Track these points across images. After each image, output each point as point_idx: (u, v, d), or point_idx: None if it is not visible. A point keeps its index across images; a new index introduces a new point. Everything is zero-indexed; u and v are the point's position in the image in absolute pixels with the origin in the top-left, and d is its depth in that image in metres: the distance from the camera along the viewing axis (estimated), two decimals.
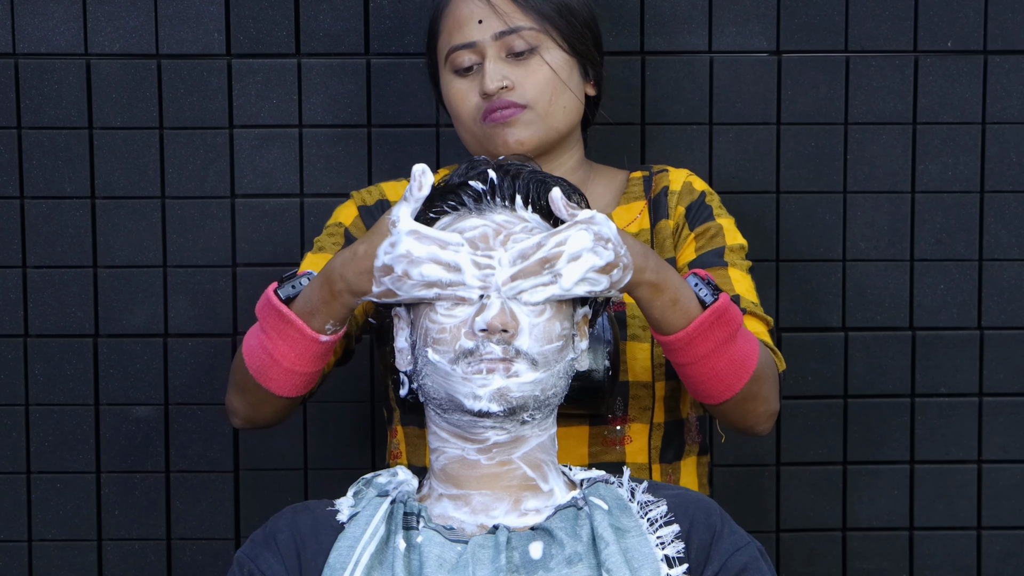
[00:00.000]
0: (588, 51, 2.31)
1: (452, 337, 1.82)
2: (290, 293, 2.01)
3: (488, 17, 2.25)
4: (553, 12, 2.27)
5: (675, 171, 2.36)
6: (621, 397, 2.23)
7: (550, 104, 2.27)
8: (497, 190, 1.87)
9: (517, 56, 2.26)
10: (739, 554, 1.84)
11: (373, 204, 2.34)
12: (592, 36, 2.32)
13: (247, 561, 1.86)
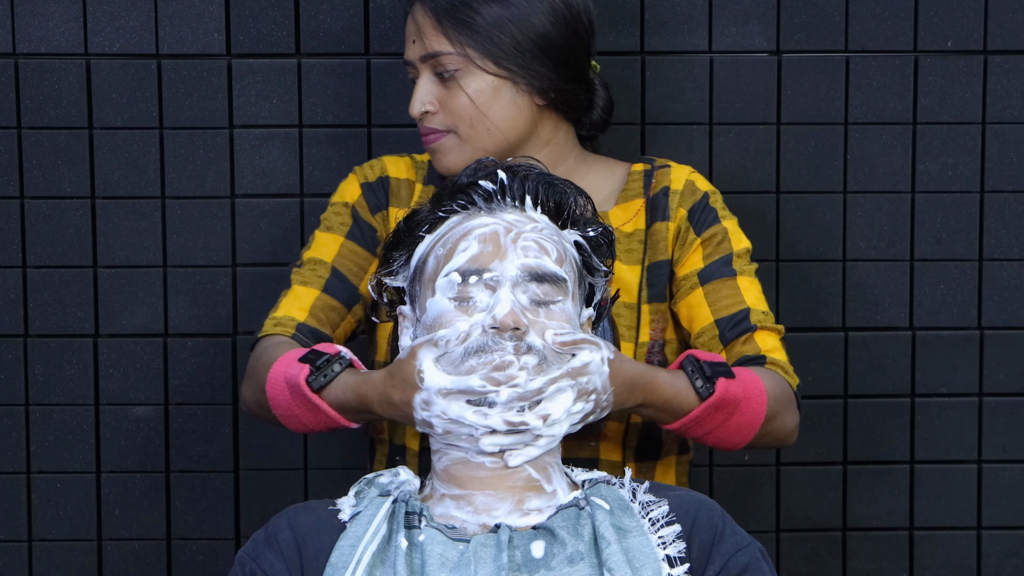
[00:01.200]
0: (526, 66, 2.23)
1: (464, 333, 1.83)
2: (322, 383, 2.05)
3: (418, 39, 2.24)
4: (477, 34, 2.21)
5: (677, 168, 2.34)
6: None
7: (472, 128, 2.23)
8: (507, 190, 1.89)
9: (444, 78, 2.23)
10: (740, 554, 1.84)
11: (375, 180, 2.34)
12: (538, 48, 2.23)
13: (248, 561, 1.86)
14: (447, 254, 1.86)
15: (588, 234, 1.92)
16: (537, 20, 2.22)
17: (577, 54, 2.26)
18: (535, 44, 2.22)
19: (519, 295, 1.83)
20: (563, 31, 2.23)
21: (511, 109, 2.24)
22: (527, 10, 2.21)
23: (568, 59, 2.25)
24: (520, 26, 2.21)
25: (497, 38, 2.20)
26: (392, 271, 1.95)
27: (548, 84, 2.23)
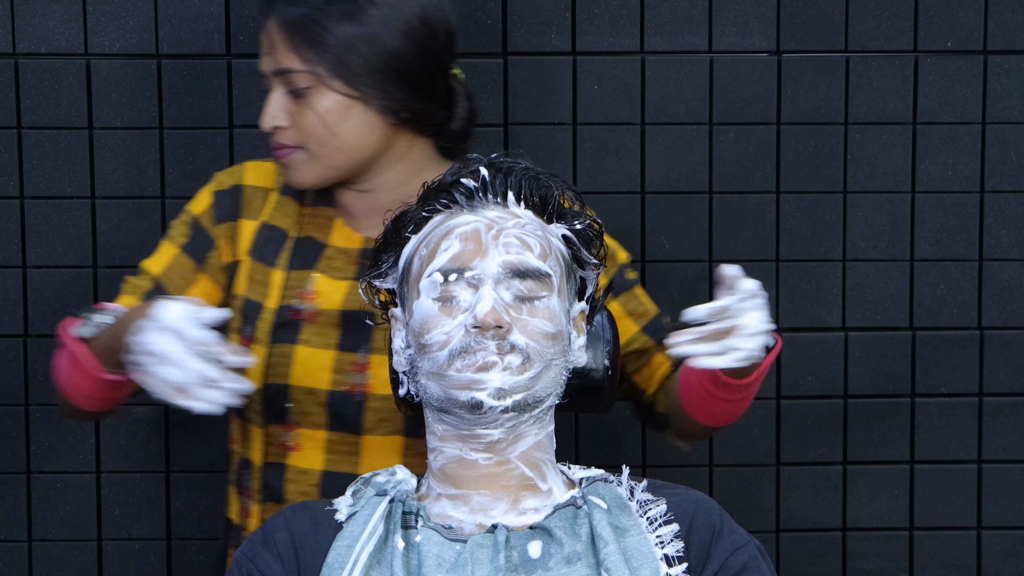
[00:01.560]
0: (378, 87, 2.19)
1: (446, 337, 1.82)
2: (88, 332, 2.11)
3: (271, 52, 2.21)
4: (327, 53, 2.17)
5: None
6: None
7: (322, 146, 2.20)
8: (489, 187, 1.88)
9: (296, 95, 2.19)
10: (739, 553, 1.84)
11: (228, 188, 2.32)
12: (391, 70, 2.19)
13: (245, 561, 1.86)
14: (430, 254, 1.86)
15: (575, 227, 1.91)
16: (390, 40, 2.18)
17: (432, 73, 2.22)
18: (387, 65, 2.18)
19: (502, 292, 1.83)
20: (417, 51, 2.20)
21: (362, 128, 2.21)
22: (380, 29, 2.18)
23: (422, 80, 2.21)
24: (372, 46, 2.17)
25: (348, 58, 2.16)
26: (381, 273, 1.94)
27: (401, 105, 2.20)
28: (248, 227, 2.29)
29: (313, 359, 2.22)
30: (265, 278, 2.27)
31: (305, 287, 2.26)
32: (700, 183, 2.75)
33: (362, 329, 2.21)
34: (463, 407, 1.81)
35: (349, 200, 2.28)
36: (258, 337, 2.24)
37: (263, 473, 2.26)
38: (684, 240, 2.75)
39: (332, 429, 2.22)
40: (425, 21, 2.20)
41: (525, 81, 2.73)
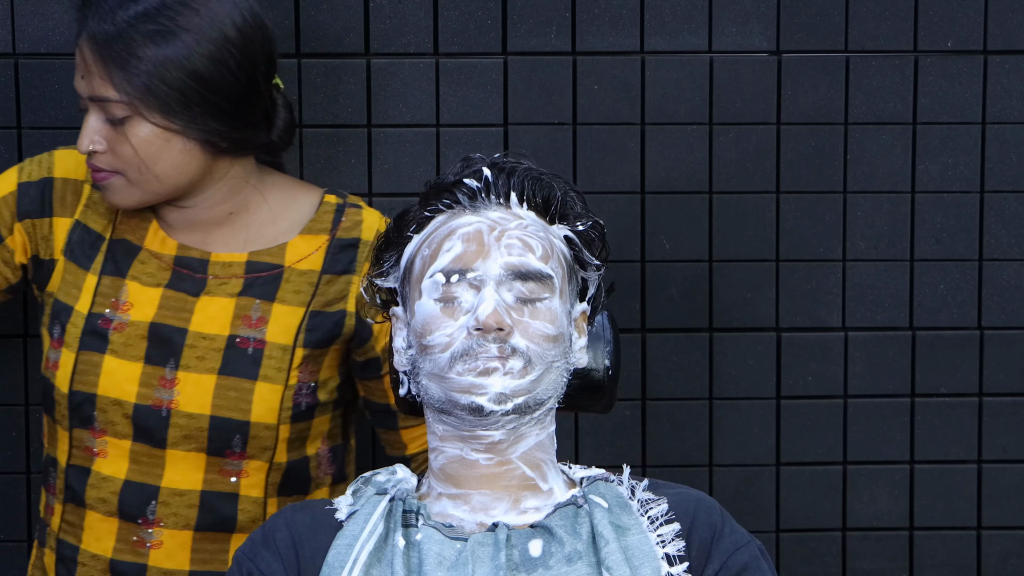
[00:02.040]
0: (196, 120, 2.15)
1: (448, 339, 1.82)
2: None
3: (87, 76, 2.18)
4: (142, 87, 2.12)
5: (368, 213, 2.29)
6: (240, 435, 2.21)
7: (140, 174, 2.17)
8: (492, 187, 1.88)
9: (113, 122, 2.16)
10: (740, 553, 1.84)
11: (37, 181, 2.29)
12: (208, 103, 2.15)
13: (245, 560, 1.86)
14: (432, 255, 1.85)
15: (578, 228, 1.91)
16: (204, 66, 2.13)
17: (252, 97, 2.18)
18: (203, 96, 2.13)
19: (504, 294, 1.83)
20: (235, 77, 2.15)
21: (181, 160, 2.18)
22: (192, 52, 2.13)
23: (242, 107, 2.17)
24: (184, 72, 2.13)
25: (159, 87, 2.12)
26: (383, 272, 1.94)
27: (220, 136, 2.17)
28: (62, 225, 2.27)
29: (120, 371, 2.21)
30: (77, 280, 2.25)
31: (118, 296, 2.24)
32: (700, 183, 2.75)
33: (170, 344, 2.21)
34: (464, 410, 1.81)
35: (166, 211, 2.27)
36: (67, 341, 2.23)
37: (66, 474, 2.25)
38: (684, 240, 2.75)
39: (136, 440, 2.22)
40: (240, 42, 2.16)
41: (525, 81, 2.73)
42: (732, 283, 2.76)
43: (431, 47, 2.71)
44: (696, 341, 2.77)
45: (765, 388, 2.78)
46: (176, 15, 2.13)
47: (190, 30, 2.13)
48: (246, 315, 2.23)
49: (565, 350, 1.86)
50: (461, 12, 2.71)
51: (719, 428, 2.79)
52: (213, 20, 2.14)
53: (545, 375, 1.83)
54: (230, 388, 2.20)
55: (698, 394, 2.78)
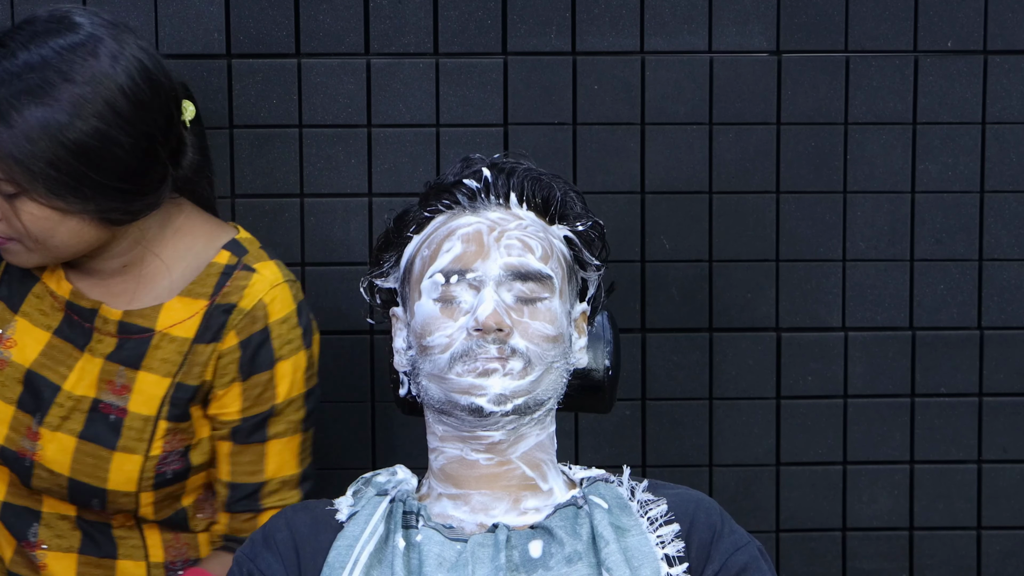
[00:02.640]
0: (89, 200, 2.00)
1: (447, 340, 1.82)
2: None
3: None
4: (22, 166, 1.95)
5: (260, 278, 2.14)
6: (98, 499, 2.13)
7: (38, 243, 2.04)
8: (491, 188, 1.88)
9: (3, 194, 2.01)
10: (739, 553, 1.84)
11: None
12: (99, 184, 1.99)
13: (246, 561, 1.86)
14: (432, 255, 1.86)
15: (578, 229, 1.91)
16: (91, 148, 1.97)
17: (149, 169, 2.04)
18: (91, 179, 1.99)
19: (503, 294, 1.83)
20: (127, 156, 2.00)
21: (78, 232, 2.05)
22: (78, 140, 1.96)
23: (139, 181, 2.04)
24: (70, 157, 1.96)
25: (44, 170, 1.96)
26: (383, 272, 1.94)
27: (118, 212, 2.04)
28: None
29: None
30: None
31: (5, 330, 2.16)
32: (700, 183, 2.75)
33: (40, 397, 2.13)
34: (463, 411, 1.81)
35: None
36: None
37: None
38: (684, 240, 2.75)
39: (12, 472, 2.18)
40: (130, 111, 2.00)
41: (525, 81, 2.73)
42: (732, 283, 2.76)
43: (431, 47, 2.71)
44: (696, 341, 2.77)
45: (765, 388, 2.78)
46: (52, 87, 1.96)
47: (68, 103, 1.96)
48: (111, 380, 2.13)
49: (565, 350, 1.86)
50: (461, 12, 2.71)
51: (719, 428, 2.79)
52: (96, 91, 1.98)
53: (545, 376, 1.83)
54: (88, 454, 2.12)
55: (698, 394, 2.78)
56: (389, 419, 2.75)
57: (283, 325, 2.14)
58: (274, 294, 2.13)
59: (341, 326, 2.73)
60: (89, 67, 1.98)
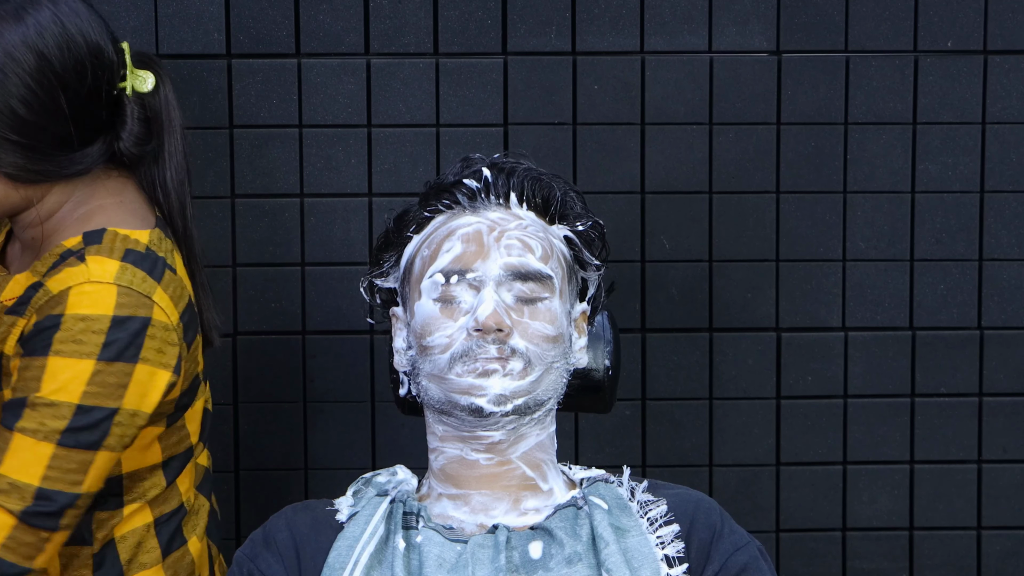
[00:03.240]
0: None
1: (447, 341, 1.82)
2: None
3: None
4: None
5: (82, 270, 1.99)
6: None
7: None
8: (491, 188, 1.88)
9: None
10: (739, 554, 1.84)
11: None
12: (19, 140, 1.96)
13: (246, 561, 1.86)
14: (432, 255, 1.85)
15: (578, 229, 1.91)
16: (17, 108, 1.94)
17: (53, 126, 1.97)
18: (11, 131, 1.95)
19: (503, 294, 1.83)
20: (26, 112, 1.95)
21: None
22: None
23: (40, 138, 1.97)
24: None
25: None
26: (383, 272, 1.94)
27: (17, 168, 1.97)
28: None
29: None
30: None
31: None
32: (700, 183, 2.75)
33: None
34: (463, 411, 1.81)
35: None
36: None
37: None
38: (684, 240, 2.75)
39: None
40: (37, 67, 1.95)
41: (525, 81, 2.73)
42: (732, 283, 2.76)
43: (431, 47, 2.71)
44: (696, 341, 2.77)
45: (765, 388, 2.78)
46: None
47: None
48: None
49: (565, 351, 1.86)
50: (461, 12, 2.71)
51: (719, 428, 2.79)
52: (8, 48, 1.94)
53: (545, 376, 1.83)
54: None
55: (698, 394, 2.78)
56: (389, 419, 2.75)
57: (80, 323, 1.95)
58: (87, 289, 1.97)
59: (341, 326, 2.73)
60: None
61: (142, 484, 2.08)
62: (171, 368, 2.00)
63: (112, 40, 2.03)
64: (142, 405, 1.98)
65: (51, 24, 1.97)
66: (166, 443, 2.08)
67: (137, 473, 2.07)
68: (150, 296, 1.98)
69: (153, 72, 2.09)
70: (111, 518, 2.07)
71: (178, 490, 2.12)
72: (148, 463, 2.08)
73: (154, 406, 1.99)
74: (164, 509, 2.11)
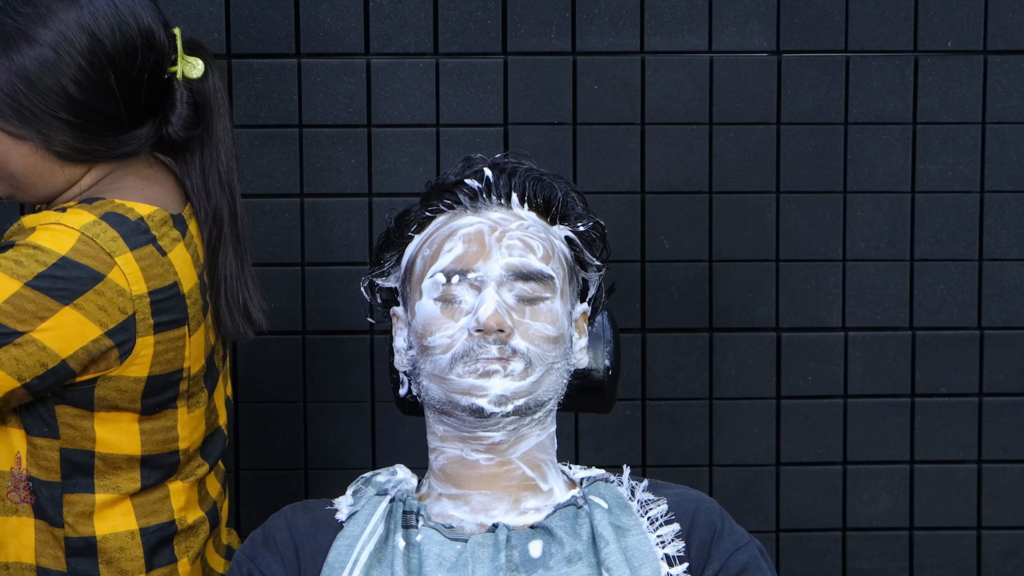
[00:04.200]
0: (27, 121, 1.98)
1: (448, 341, 1.82)
2: None
3: None
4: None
5: (55, 213, 2.02)
6: None
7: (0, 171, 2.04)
8: (493, 188, 1.88)
9: None
10: (739, 553, 1.84)
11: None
12: (52, 116, 1.98)
13: (246, 561, 1.86)
14: (433, 255, 1.85)
15: (579, 229, 1.91)
16: (37, 79, 1.97)
17: (104, 106, 2.00)
18: (38, 106, 1.98)
19: (504, 294, 1.83)
20: (76, 90, 1.98)
21: (30, 161, 2.03)
22: (28, 70, 1.96)
23: (91, 118, 2.00)
24: (17, 81, 1.97)
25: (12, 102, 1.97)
26: (384, 272, 1.94)
27: (67, 145, 2.00)
28: None
29: None
30: None
31: None
32: (700, 183, 2.75)
33: None
34: (464, 411, 1.81)
35: None
36: None
37: None
38: (684, 240, 2.75)
39: None
40: (90, 49, 1.98)
41: (525, 81, 2.73)
42: (732, 283, 2.76)
43: (431, 47, 2.71)
44: (696, 341, 2.77)
45: (765, 388, 2.78)
46: (20, 17, 1.98)
47: (13, 28, 1.97)
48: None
49: (566, 351, 1.86)
50: (461, 12, 2.71)
51: (719, 428, 2.79)
52: (47, 18, 1.98)
53: (545, 376, 1.83)
54: None
55: (698, 394, 2.78)
56: (389, 419, 2.75)
57: (30, 250, 1.97)
58: (52, 227, 1.99)
59: (341, 326, 2.73)
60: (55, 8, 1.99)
61: (116, 473, 2.07)
62: (107, 330, 1.99)
63: (164, 25, 2.07)
64: (56, 346, 1.97)
65: (105, 6, 2.00)
66: (148, 437, 2.08)
67: (111, 458, 2.06)
68: (112, 256, 1.99)
69: (203, 59, 2.12)
70: (80, 502, 2.07)
71: (170, 504, 2.12)
72: (124, 451, 2.07)
73: (70, 353, 1.97)
74: (151, 520, 2.11)
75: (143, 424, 2.07)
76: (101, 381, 2.02)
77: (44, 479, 2.06)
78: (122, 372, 2.03)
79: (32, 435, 2.05)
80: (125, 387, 2.04)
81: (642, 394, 2.78)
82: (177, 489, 2.12)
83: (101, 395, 2.03)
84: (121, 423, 2.06)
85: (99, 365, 2.01)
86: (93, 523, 2.07)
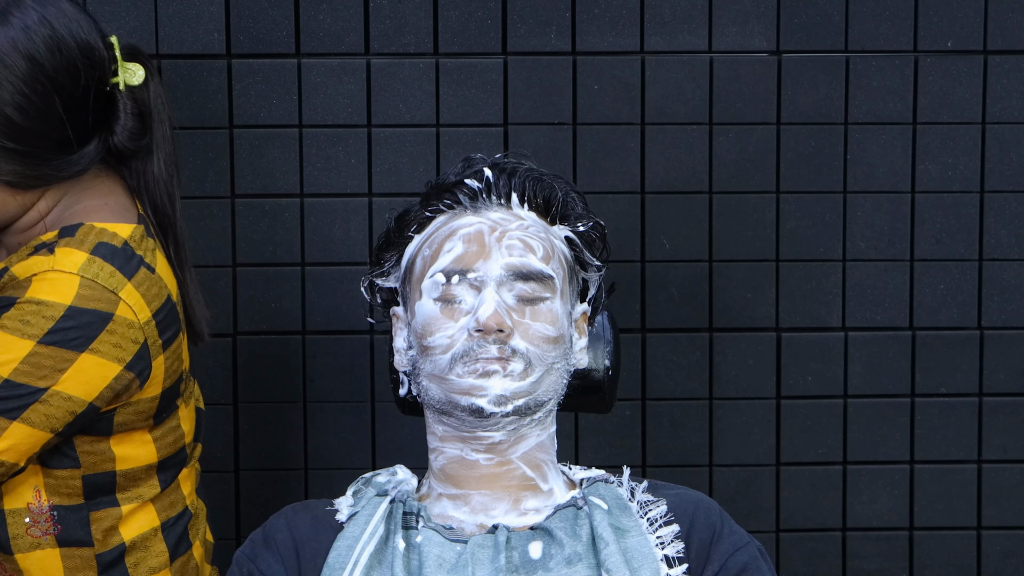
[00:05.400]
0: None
1: (448, 341, 1.82)
2: None
3: None
4: None
5: (49, 259, 1.96)
6: None
7: None
8: (493, 188, 1.88)
9: None
10: (739, 554, 1.84)
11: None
12: (19, 148, 1.94)
13: (246, 561, 1.86)
14: (433, 255, 1.85)
15: (579, 229, 1.91)
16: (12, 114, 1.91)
17: (50, 130, 1.95)
18: (7, 139, 1.93)
19: (504, 294, 1.83)
20: (22, 119, 1.93)
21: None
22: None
23: (37, 144, 1.95)
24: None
25: None
26: (384, 272, 1.94)
27: (16, 176, 1.95)
28: None
29: None
30: None
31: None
32: (700, 183, 2.75)
33: None
34: (464, 411, 1.81)
35: None
36: None
37: None
38: (684, 240, 2.75)
39: None
40: (30, 72, 1.92)
41: (525, 81, 2.73)
42: (732, 283, 2.76)
43: (431, 47, 2.71)
44: (696, 341, 2.77)
45: (765, 388, 2.78)
46: None
47: None
48: None
49: (566, 351, 1.86)
50: (461, 12, 2.71)
51: (719, 428, 2.79)
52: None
53: (545, 377, 1.83)
54: None
55: (698, 394, 2.78)
56: (389, 419, 2.75)
57: (33, 306, 1.94)
58: (49, 276, 1.95)
59: (341, 326, 2.73)
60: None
61: (138, 484, 2.08)
62: (125, 363, 1.99)
63: (101, 36, 2.01)
64: (80, 392, 1.96)
65: (39, 26, 1.94)
66: (161, 443, 2.09)
67: (132, 472, 2.07)
68: (116, 292, 1.97)
69: (141, 64, 2.05)
70: (107, 517, 2.07)
71: (182, 493, 2.13)
72: (143, 462, 2.08)
73: (96, 395, 1.97)
74: (170, 513, 2.11)
75: (155, 432, 2.08)
76: (121, 408, 2.02)
77: (68, 504, 2.05)
78: (140, 396, 2.03)
79: (50, 467, 2.03)
80: (143, 408, 2.04)
81: (642, 394, 2.78)
82: (183, 477, 2.13)
83: (120, 420, 2.04)
84: (135, 437, 2.06)
85: (122, 397, 2.01)
86: (120, 532, 2.08)
